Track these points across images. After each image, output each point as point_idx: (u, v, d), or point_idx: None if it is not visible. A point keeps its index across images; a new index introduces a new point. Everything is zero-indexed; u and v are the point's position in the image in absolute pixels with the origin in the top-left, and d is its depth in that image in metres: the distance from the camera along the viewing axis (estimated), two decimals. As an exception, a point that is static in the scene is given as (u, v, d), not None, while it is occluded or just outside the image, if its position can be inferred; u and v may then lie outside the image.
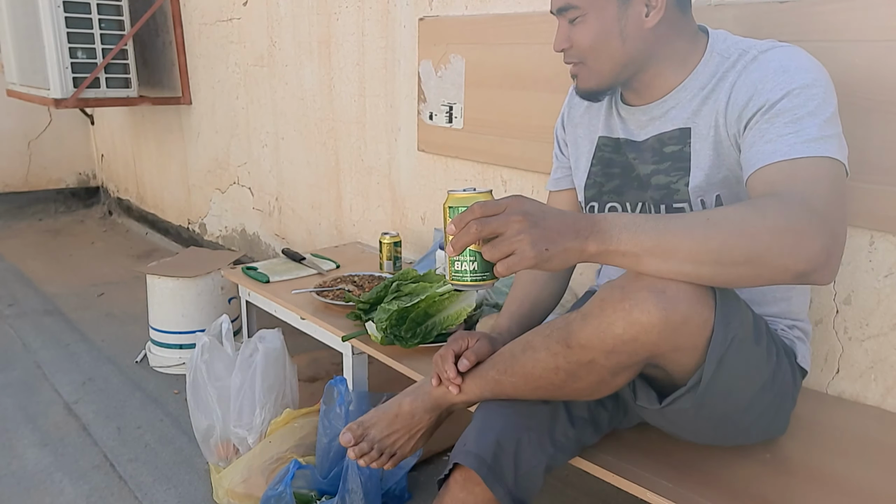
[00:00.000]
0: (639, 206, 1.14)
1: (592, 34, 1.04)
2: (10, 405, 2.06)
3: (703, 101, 1.05)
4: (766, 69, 0.97)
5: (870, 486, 1.02)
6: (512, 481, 1.01)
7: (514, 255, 0.80)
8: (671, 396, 0.96)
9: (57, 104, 2.99)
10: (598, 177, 1.21)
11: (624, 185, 1.16)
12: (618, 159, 1.18)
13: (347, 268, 2.08)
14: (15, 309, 2.82)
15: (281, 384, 1.63)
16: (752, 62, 1.00)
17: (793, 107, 0.92)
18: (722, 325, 0.87)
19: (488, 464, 1.01)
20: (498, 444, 1.02)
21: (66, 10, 2.90)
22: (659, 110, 1.11)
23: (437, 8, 1.99)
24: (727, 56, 1.04)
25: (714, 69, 1.05)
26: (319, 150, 2.61)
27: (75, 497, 1.64)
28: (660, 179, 1.10)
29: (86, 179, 4.59)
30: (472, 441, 1.03)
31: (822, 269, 0.81)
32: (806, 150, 0.89)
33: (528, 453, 1.02)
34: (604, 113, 1.22)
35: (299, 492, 1.43)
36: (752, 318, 0.97)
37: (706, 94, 1.05)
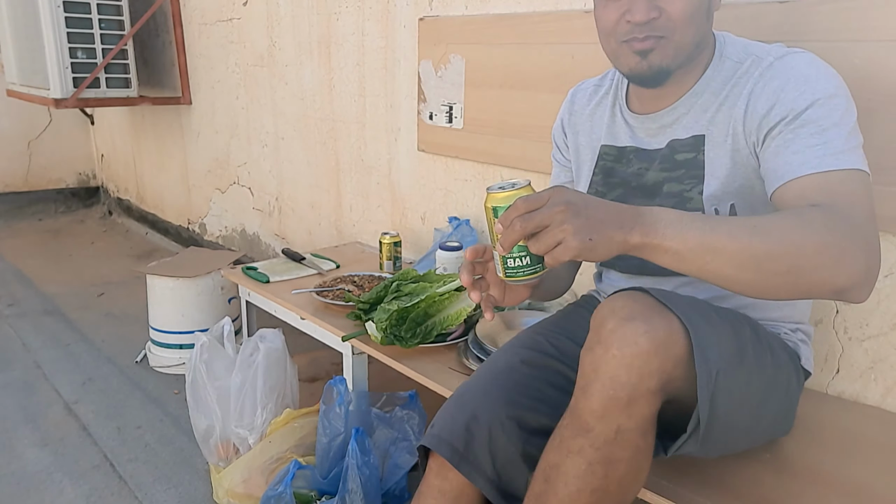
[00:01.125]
0: None
1: (694, 3, 0.96)
2: (10, 405, 2.06)
3: (717, 108, 1.03)
4: (786, 76, 0.95)
5: (870, 486, 1.02)
6: (492, 472, 1.02)
7: (560, 245, 0.79)
8: (675, 445, 0.93)
9: (57, 104, 2.99)
10: (599, 186, 1.18)
11: (627, 194, 1.14)
12: (619, 169, 1.15)
13: (347, 268, 2.08)
14: (15, 309, 2.82)
15: (281, 384, 1.64)
16: (768, 69, 0.98)
17: (818, 117, 0.90)
18: (703, 363, 0.85)
19: (461, 452, 1.02)
20: (468, 431, 1.02)
21: (66, 10, 2.90)
22: (670, 117, 1.08)
23: (437, 8, 1.99)
24: (740, 61, 1.02)
25: (728, 75, 1.02)
26: (319, 150, 2.61)
27: (75, 497, 1.64)
28: (672, 187, 1.07)
29: (86, 179, 4.59)
30: (440, 425, 1.04)
31: (861, 286, 0.80)
32: (836, 163, 0.87)
33: (503, 440, 1.03)
34: (606, 121, 1.19)
35: (299, 492, 1.43)
36: (731, 336, 0.93)
37: (721, 101, 1.02)
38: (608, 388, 0.83)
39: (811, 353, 1.16)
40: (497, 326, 1.48)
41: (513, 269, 0.88)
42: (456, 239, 1.86)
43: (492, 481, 1.02)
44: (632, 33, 0.99)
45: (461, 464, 1.02)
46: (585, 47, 1.61)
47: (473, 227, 1.95)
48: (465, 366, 1.41)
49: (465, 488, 1.05)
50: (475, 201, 2.03)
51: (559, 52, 1.67)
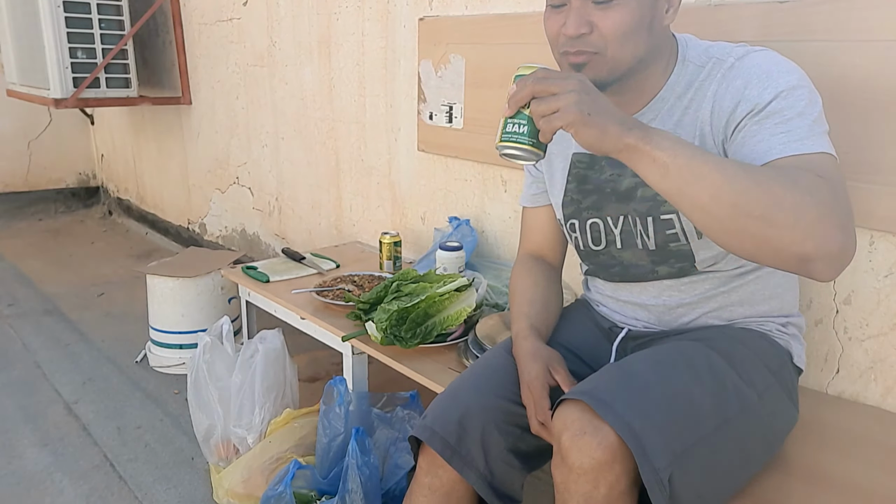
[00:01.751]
0: (620, 219, 1.12)
1: (629, 19, 0.95)
2: (10, 405, 2.06)
3: (683, 111, 1.03)
4: (748, 74, 0.95)
5: (870, 486, 1.02)
6: (484, 468, 1.03)
7: (558, 112, 0.81)
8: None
9: (57, 104, 2.99)
10: (574, 194, 1.17)
11: (601, 200, 1.14)
12: (592, 175, 1.14)
13: (347, 267, 2.08)
14: (15, 309, 2.82)
15: (281, 384, 1.64)
16: (730, 70, 0.98)
17: (781, 108, 0.90)
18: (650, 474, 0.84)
19: (452, 447, 1.02)
20: (461, 426, 1.03)
21: (66, 10, 2.90)
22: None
23: (437, 8, 1.99)
24: (701, 65, 1.02)
25: (690, 79, 1.03)
26: (319, 150, 2.61)
27: (75, 497, 1.64)
28: (646, 192, 1.07)
29: (86, 179, 4.59)
30: (432, 417, 1.06)
31: (830, 260, 0.78)
32: (801, 148, 0.87)
33: (495, 436, 1.03)
34: None
35: (299, 492, 1.43)
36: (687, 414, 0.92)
37: (685, 104, 1.03)
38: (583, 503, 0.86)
39: (803, 348, 1.16)
40: (497, 326, 1.48)
41: (509, 134, 0.89)
42: (456, 239, 1.86)
43: (483, 477, 1.03)
44: (565, 46, 1.00)
45: (453, 458, 1.03)
46: (585, 47, 1.61)
47: (473, 227, 1.95)
48: (465, 366, 1.41)
49: (455, 485, 1.05)
50: (475, 201, 2.03)
51: (559, 52, 1.67)
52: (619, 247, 1.14)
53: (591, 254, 1.19)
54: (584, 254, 1.22)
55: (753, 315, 1.12)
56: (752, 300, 1.11)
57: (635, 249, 1.12)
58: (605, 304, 1.25)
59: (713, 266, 1.08)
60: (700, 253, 1.07)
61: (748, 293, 1.10)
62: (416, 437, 1.08)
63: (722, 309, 1.11)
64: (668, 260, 1.09)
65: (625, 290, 1.18)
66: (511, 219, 1.93)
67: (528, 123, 0.87)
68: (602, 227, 1.15)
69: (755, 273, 1.10)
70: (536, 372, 1.06)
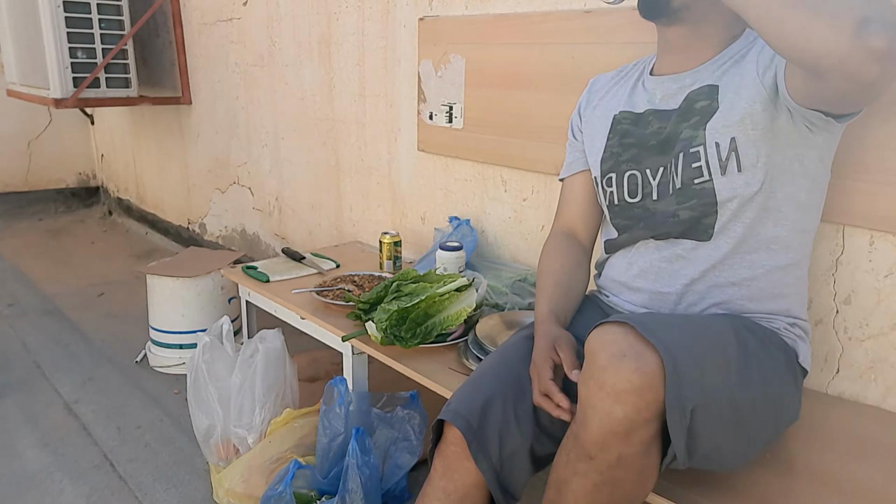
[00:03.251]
0: (659, 170, 1.15)
1: None
2: (10, 405, 2.06)
3: (724, 64, 1.10)
4: None
5: (870, 486, 1.02)
6: (497, 460, 1.03)
7: None
8: (663, 463, 0.94)
9: (57, 104, 2.99)
10: (615, 148, 1.22)
11: (641, 153, 1.18)
12: (634, 130, 1.19)
13: (347, 267, 2.08)
14: (15, 309, 2.82)
15: (281, 384, 1.64)
16: None
17: None
18: (676, 401, 0.85)
19: (475, 429, 1.03)
20: (484, 411, 1.04)
21: (66, 10, 2.90)
22: (691, 79, 1.13)
23: (437, 8, 1.99)
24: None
25: (743, 44, 1.10)
26: (319, 150, 2.61)
27: (75, 497, 1.64)
28: (687, 133, 1.11)
29: (86, 179, 4.59)
30: (456, 402, 1.07)
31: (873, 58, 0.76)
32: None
33: (514, 429, 1.04)
34: (627, 92, 1.24)
35: (299, 492, 1.43)
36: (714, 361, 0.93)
37: (735, 60, 1.09)
38: (605, 423, 0.86)
39: (809, 351, 1.16)
40: (497, 326, 1.48)
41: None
42: (456, 239, 1.86)
43: (495, 469, 1.03)
44: None
45: (473, 441, 1.03)
46: (585, 47, 1.61)
47: (473, 227, 1.95)
48: (465, 366, 1.41)
49: (470, 490, 1.05)
50: (475, 201, 2.03)
51: (559, 52, 1.67)
52: (654, 198, 1.16)
53: (625, 207, 1.21)
54: (619, 209, 1.23)
55: (762, 311, 1.12)
56: (762, 296, 1.11)
57: (668, 198, 1.14)
58: (617, 293, 1.25)
59: (730, 223, 1.09)
60: (721, 193, 1.07)
61: (758, 289, 1.11)
62: (434, 439, 1.09)
63: (731, 302, 1.12)
64: (690, 200, 1.10)
65: (640, 279, 1.20)
66: (511, 219, 1.93)
67: None
68: (640, 180, 1.18)
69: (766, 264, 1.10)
70: (542, 347, 1.09)
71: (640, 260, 1.20)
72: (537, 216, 1.85)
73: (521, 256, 1.92)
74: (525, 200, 1.88)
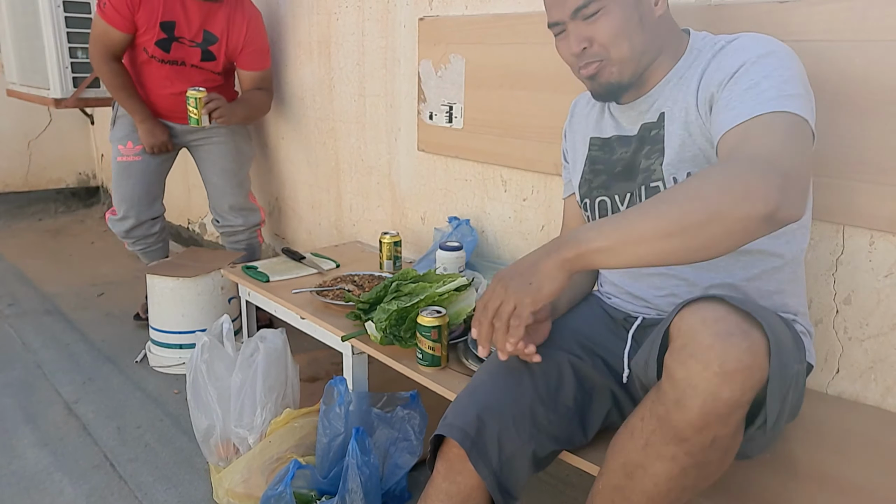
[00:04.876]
0: (627, 196, 1.18)
1: (616, 23, 1.07)
2: (10, 405, 2.06)
3: (675, 86, 1.12)
4: (730, 51, 1.04)
5: (870, 486, 1.02)
6: (497, 464, 1.03)
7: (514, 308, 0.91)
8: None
9: (57, 104, 2.99)
10: (587, 174, 1.26)
11: (610, 179, 1.21)
12: (602, 156, 1.24)
13: (347, 267, 2.08)
14: (15, 309, 2.82)
15: (282, 384, 1.63)
16: (720, 51, 1.06)
17: (749, 73, 0.97)
18: (780, 373, 0.84)
19: (472, 438, 1.03)
20: (480, 420, 1.04)
21: (66, 10, 2.90)
22: (646, 104, 1.16)
23: (437, 8, 1.99)
24: (701, 49, 1.11)
25: (691, 62, 1.12)
26: (319, 150, 2.61)
27: (75, 497, 1.64)
28: (644, 164, 1.15)
29: (86, 179, 4.59)
30: (452, 415, 1.07)
31: (783, 205, 0.81)
32: (764, 108, 0.92)
33: (512, 433, 1.04)
34: (595, 116, 1.28)
35: (299, 492, 1.43)
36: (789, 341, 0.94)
37: (683, 82, 1.11)
38: (709, 404, 0.81)
39: (812, 346, 1.17)
40: (497, 326, 1.48)
41: None
42: (456, 239, 1.86)
43: (495, 473, 1.04)
44: (577, 63, 1.14)
45: (472, 450, 1.03)
46: (585, 47, 1.61)
47: (473, 227, 1.95)
48: (465, 366, 1.41)
49: (472, 492, 1.05)
50: (475, 201, 2.03)
51: (559, 52, 1.67)
52: None
53: None
54: None
55: None
56: (760, 295, 1.12)
57: None
58: (618, 295, 1.27)
59: None
60: None
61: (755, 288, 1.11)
62: (435, 442, 1.10)
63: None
64: None
65: (640, 286, 1.21)
66: (511, 219, 1.93)
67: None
68: (609, 205, 1.21)
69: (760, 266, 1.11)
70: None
71: (635, 270, 1.21)
72: (537, 216, 1.85)
73: (521, 256, 1.92)
74: (525, 200, 1.88)
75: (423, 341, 1.37)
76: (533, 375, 1.10)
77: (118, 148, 2.40)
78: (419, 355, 1.40)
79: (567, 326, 1.23)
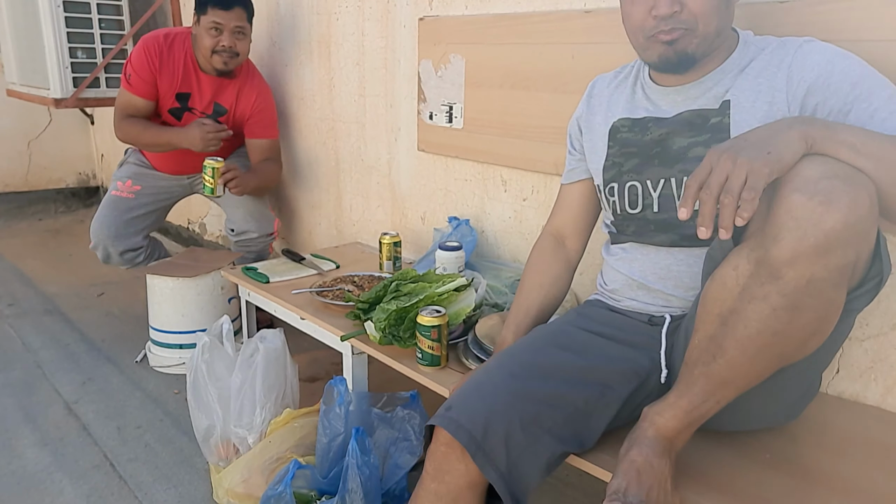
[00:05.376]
0: (661, 182, 1.16)
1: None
2: (10, 405, 2.06)
3: (737, 76, 1.11)
4: (823, 52, 1.05)
5: (870, 486, 1.02)
6: (505, 467, 1.01)
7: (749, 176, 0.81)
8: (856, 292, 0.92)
9: (57, 104, 2.99)
10: (616, 157, 1.23)
11: (643, 163, 1.18)
12: (634, 139, 1.20)
13: (347, 268, 2.08)
14: (15, 309, 2.82)
15: (282, 384, 1.64)
16: (799, 48, 1.07)
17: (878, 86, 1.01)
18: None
19: (478, 441, 1.01)
20: (487, 421, 1.02)
21: (66, 10, 2.90)
22: (697, 90, 1.14)
23: (437, 8, 1.99)
24: (763, 47, 1.11)
25: (752, 54, 1.11)
26: (319, 150, 2.61)
27: (75, 497, 1.64)
28: (698, 152, 1.11)
29: (86, 179, 4.59)
30: (458, 410, 1.04)
31: None
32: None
33: (519, 436, 1.02)
34: (626, 97, 1.25)
35: (299, 492, 1.43)
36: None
37: (748, 73, 1.10)
38: (810, 232, 0.80)
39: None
40: (497, 326, 1.48)
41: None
42: (456, 239, 1.86)
43: (503, 475, 1.01)
44: (658, 27, 1.09)
45: (477, 454, 1.01)
46: (585, 47, 1.61)
47: (473, 227, 1.95)
48: (464, 365, 1.41)
49: (461, 492, 1.04)
50: (475, 201, 2.03)
51: (559, 52, 1.67)
52: (655, 210, 1.17)
53: (626, 217, 1.22)
54: (621, 218, 1.24)
55: None
56: None
57: (670, 211, 1.14)
58: (635, 297, 1.23)
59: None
60: None
61: None
62: (428, 436, 1.08)
63: None
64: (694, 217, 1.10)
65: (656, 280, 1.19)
66: (511, 219, 1.93)
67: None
68: (640, 191, 1.19)
69: None
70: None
71: (652, 264, 1.20)
72: (537, 216, 1.85)
73: (521, 256, 1.92)
74: (525, 200, 1.88)
75: (423, 341, 1.37)
76: (540, 376, 1.09)
77: (116, 184, 2.47)
78: (419, 355, 1.40)
79: (571, 327, 1.22)
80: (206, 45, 2.22)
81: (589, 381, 1.10)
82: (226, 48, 2.22)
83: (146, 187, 2.46)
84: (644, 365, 1.14)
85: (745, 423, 1.13)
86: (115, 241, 2.40)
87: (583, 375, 1.10)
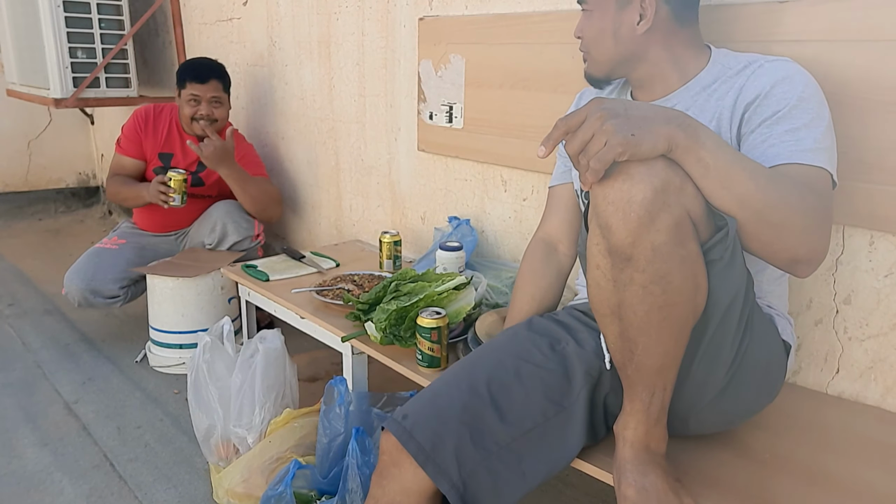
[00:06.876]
0: None
1: (594, 29, 1.19)
2: (10, 405, 2.06)
3: (698, 94, 1.15)
4: (773, 75, 1.07)
5: (870, 486, 1.03)
6: (458, 479, 0.99)
7: (605, 146, 0.83)
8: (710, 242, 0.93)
9: (57, 104, 2.99)
10: None
11: None
12: None
13: (347, 266, 2.08)
14: (15, 309, 2.82)
15: (281, 384, 1.64)
16: (758, 69, 1.09)
17: (792, 117, 1.02)
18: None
19: (427, 452, 1.00)
20: (437, 434, 1.01)
21: (66, 9, 2.90)
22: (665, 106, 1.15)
23: (437, 8, 1.99)
24: (730, 66, 1.14)
25: (717, 74, 1.15)
26: (319, 150, 2.61)
27: (75, 497, 1.64)
28: None
29: (86, 179, 4.59)
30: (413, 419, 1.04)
31: (812, 265, 0.94)
32: (803, 159, 0.99)
33: (470, 449, 1.00)
34: None
35: (299, 492, 1.43)
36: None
37: (708, 92, 1.14)
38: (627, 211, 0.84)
39: (790, 328, 1.19)
40: (496, 324, 1.48)
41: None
42: (456, 239, 1.86)
43: (456, 488, 0.99)
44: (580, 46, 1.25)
45: (427, 464, 1.00)
46: (585, 47, 1.61)
47: (473, 227, 1.95)
48: (464, 366, 1.41)
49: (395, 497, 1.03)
50: (475, 201, 2.03)
51: (559, 52, 1.67)
52: None
53: None
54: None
55: None
56: None
57: None
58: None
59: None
60: None
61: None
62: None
63: None
64: None
65: None
66: (511, 219, 1.93)
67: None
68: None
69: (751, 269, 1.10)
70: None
71: None
72: (537, 216, 1.85)
73: (520, 256, 1.91)
74: (525, 200, 1.88)
75: (423, 342, 1.37)
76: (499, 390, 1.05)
77: (103, 240, 2.55)
78: (419, 356, 1.39)
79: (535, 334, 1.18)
80: (186, 113, 2.43)
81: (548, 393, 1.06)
82: (204, 116, 2.42)
83: (131, 242, 2.52)
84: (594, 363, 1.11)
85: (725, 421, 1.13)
86: (95, 285, 2.33)
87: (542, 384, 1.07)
